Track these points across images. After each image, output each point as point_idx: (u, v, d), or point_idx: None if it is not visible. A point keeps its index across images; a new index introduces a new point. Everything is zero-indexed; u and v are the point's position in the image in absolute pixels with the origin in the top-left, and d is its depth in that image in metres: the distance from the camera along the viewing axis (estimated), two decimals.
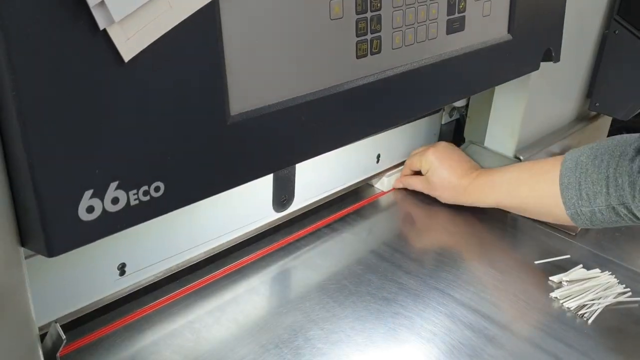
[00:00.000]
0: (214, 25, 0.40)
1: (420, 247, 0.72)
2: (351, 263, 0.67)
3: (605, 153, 0.61)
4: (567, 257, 0.70)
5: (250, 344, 0.55)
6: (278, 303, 0.60)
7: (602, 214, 0.61)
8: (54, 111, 0.33)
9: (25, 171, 0.33)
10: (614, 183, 0.59)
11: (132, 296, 0.60)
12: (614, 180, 0.59)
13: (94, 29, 0.34)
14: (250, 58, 0.43)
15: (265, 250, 0.68)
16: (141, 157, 0.38)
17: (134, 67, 0.36)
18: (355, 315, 0.59)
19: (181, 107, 0.39)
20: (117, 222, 0.38)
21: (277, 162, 0.48)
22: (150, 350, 0.53)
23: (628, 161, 0.58)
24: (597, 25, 0.89)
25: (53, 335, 0.43)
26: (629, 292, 0.65)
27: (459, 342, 0.56)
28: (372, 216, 0.77)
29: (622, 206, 0.58)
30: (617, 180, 0.59)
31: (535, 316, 0.61)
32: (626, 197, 0.58)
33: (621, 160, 0.59)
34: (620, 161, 0.59)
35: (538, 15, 0.71)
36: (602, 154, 0.61)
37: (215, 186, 0.43)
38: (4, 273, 0.36)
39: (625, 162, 0.58)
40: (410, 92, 0.58)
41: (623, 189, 0.58)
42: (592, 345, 0.57)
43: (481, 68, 0.66)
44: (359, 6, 0.50)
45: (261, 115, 0.44)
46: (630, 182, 0.57)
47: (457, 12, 0.60)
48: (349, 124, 0.52)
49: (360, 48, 0.51)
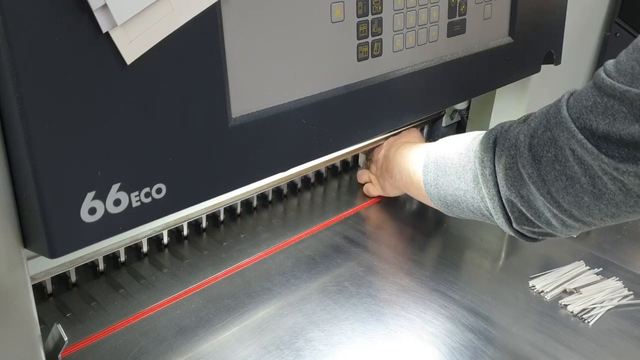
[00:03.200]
0: (215, 29, 0.40)
1: (421, 249, 0.72)
2: (352, 265, 0.67)
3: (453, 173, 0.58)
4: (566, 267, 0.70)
5: (252, 346, 0.55)
6: (279, 305, 0.60)
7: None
8: (57, 113, 0.33)
9: (27, 173, 0.34)
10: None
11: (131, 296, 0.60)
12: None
13: (97, 32, 0.34)
14: (251, 61, 0.43)
15: (266, 252, 0.68)
16: (143, 159, 0.38)
17: (136, 70, 0.36)
18: (356, 317, 0.59)
19: (183, 110, 0.39)
20: (119, 223, 0.38)
21: (278, 165, 0.48)
22: (151, 352, 0.53)
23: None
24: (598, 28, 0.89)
25: (55, 336, 0.44)
26: (631, 295, 0.65)
27: (460, 344, 0.56)
28: (373, 218, 0.77)
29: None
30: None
31: (536, 318, 0.61)
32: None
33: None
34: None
35: (539, 18, 0.71)
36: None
37: (216, 188, 0.43)
38: (6, 274, 0.36)
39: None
40: (411, 94, 0.58)
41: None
42: (594, 348, 0.57)
43: (482, 71, 0.66)
44: (360, 9, 0.50)
45: (262, 118, 0.44)
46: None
47: (458, 15, 0.60)
48: (350, 126, 0.53)
49: (361, 51, 0.51)
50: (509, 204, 0.51)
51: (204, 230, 0.71)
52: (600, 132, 0.42)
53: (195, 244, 0.69)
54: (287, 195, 0.80)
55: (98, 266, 0.62)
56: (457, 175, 0.57)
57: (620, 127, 0.41)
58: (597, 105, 0.42)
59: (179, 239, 0.69)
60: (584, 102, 0.44)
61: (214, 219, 0.73)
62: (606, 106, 0.42)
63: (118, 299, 0.60)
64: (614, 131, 0.41)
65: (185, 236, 0.69)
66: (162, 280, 0.63)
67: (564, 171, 0.46)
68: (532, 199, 0.49)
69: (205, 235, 0.71)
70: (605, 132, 0.42)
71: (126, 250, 0.64)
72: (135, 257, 0.66)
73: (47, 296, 0.59)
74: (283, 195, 0.80)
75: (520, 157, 0.49)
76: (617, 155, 0.42)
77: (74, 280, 0.61)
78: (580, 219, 0.48)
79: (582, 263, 0.69)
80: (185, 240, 0.69)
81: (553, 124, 0.46)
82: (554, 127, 0.46)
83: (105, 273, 0.63)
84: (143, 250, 0.66)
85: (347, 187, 0.85)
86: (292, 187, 0.81)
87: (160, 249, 0.68)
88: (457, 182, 0.57)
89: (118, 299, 0.60)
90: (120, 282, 0.62)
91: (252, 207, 0.76)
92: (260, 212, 0.76)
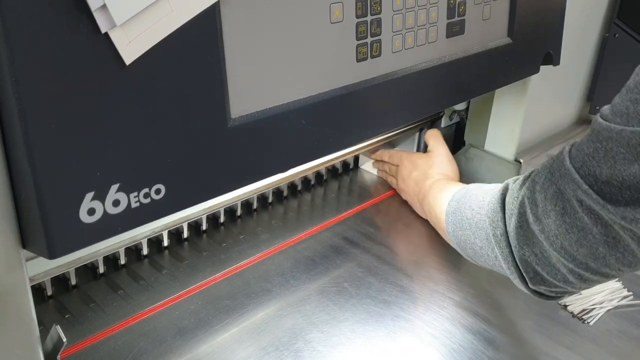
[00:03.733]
0: (214, 29, 0.40)
1: (420, 250, 0.72)
2: (351, 266, 0.67)
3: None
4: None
5: (251, 347, 0.55)
6: (278, 306, 0.60)
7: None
8: (56, 114, 0.33)
9: (27, 173, 0.33)
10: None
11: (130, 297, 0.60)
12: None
13: (96, 33, 0.34)
14: (250, 61, 0.43)
15: (265, 253, 0.68)
16: (142, 160, 0.38)
17: (135, 71, 0.36)
18: (356, 318, 0.59)
19: (182, 110, 0.39)
20: (118, 224, 0.38)
21: (277, 165, 0.48)
22: (150, 353, 0.53)
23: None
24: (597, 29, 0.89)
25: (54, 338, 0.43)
26: (630, 295, 0.65)
27: (460, 345, 0.56)
28: (372, 219, 0.77)
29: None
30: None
31: (536, 319, 0.61)
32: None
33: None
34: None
35: (538, 19, 0.71)
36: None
37: (215, 189, 0.43)
38: (5, 275, 0.36)
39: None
40: (410, 95, 0.58)
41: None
42: (593, 349, 0.57)
43: (481, 71, 0.66)
44: (359, 10, 0.50)
45: (261, 119, 0.44)
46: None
47: (457, 15, 0.60)
48: (349, 127, 0.53)
49: (360, 51, 0.51)
50: (523, 263, 0.50)
51: (203, 232, 0.71)
52: (604, 177, 0.42)
53: (195, 245, 0.69)
54: (287, 196, 0.80)
55: (98, 268, 0.62)
56: (472, 232, 0.56)
57: (621, 169, 0.41)
58: (598, 151, 0.42)
59: (179, 240, 0.69)
60: (585, 150, 0.43)
61: (214, 220, 0.73)
62: (606, 149, 0.42)
63: (117, 300, 0.60)
64: (616, 174, 0.41)
65: (185, 237, 0.69)
66: (162, 281, 0.63)
67: (575, 223, 0.45)
68: (547, 255, 0.48)
69: (205, 237, 0.71)
70: (608, 176, 0.42)
71: (126, 251, 0.64)
72: (135, 259, 0.66)
73: (47, 298, 0.59)
74: (283, 196, 0.80)
75: (529, 214, 0.48)
76: (622, 200, 0.41)
77: (74, 282, 0.61)
78: (598, 271, 0.46)
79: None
80: (185, 242, 0.69)
81: (557, 177, 0.46)
82: (558, 180, 0.46)
83: (105, 274, 0.63)
84: (143, 252, 0.66)
85: (347, 188, 0.85)
86: (293, 189, 0.81)
87: (160, 250, 0.68)
88: (472, 238, 0.56)
89: (117, 300, 0.60)
90: (119, 284, 0.62)
91: (252, 208, 0.76)
92: (261, 214, 0.76)
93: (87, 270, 0.63)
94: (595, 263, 0.46)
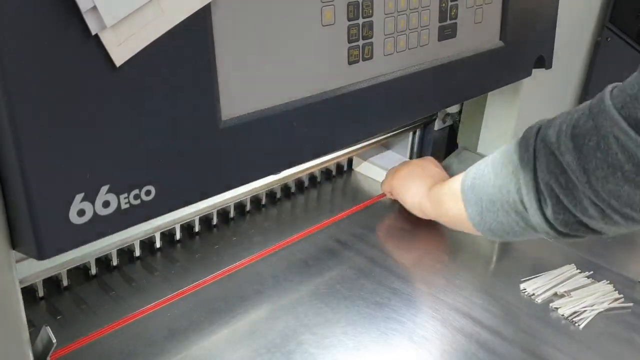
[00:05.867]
0: (205, 31, 0.40)
1: (413, 252, 0.72)
2: (344, 268, 0.67)
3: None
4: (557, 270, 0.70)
5: (243, 349, 0.55)
6: (271, 308, 0.60)
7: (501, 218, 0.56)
8: (46, 115, 0.33)
9: (16, 174, 0.34)
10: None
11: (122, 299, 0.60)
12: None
13: (86, 34, 0.34)
14: (241, 63, 0.43)
15: (257, 256, 0.68)
16: (132, 161, 0.38)
17: (125, 72, 0.36)
18: (348, 320, 0.59)
19: (173, 112, 0.39)
20: (108, 225, 0.38)
21: (268, 167, 0.48)
22: (142, 355, 0.53)
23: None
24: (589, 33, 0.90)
25: (43, 339, 0.43)
26: (621, 298, 0.65)
27: (451, 347, 0.56)
28: (366, 221, 0.77)
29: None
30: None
31: (527, 321, 0.61)
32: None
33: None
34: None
35: (530, 22, 0.72)
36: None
37: (206, 190, 0.43)
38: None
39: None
40: (402, 98, 0.58)
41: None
42: (584, 351, 0.57)
43: (473, 74, 0.67)
44: (350, 12, 0.50)
45: (252, 120, 0.45)
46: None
47: (449, 19, 0.61)
48: (340, 129, 0.53)
49: (351, 54, 0.52)
50: (547, 188, 0.50)
51: (196, 234, 0.71)
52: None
53: (188, 247, 0.69)
54: (281, 198, 0.80)
55: (90, 269, 0.62)
56: (494, 173, 0.56)
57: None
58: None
59: (172, 242, 0.69)
60: (628, 91, 0.43)
61: (207, 222, 0.73)
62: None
63: (109, 302, 0.59)
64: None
65: (178, 239, 0.69)
66: (153, 283, 0.63)
67: (606, 159, 0.45)
68: (571, 187, 0.48)
69: (197, 239, 0.71)
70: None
71: (118, 253, 0.64)
72: (127, 260, 0.66)
73: (39, 299, 0.59)
74: (277, 198, 0.80)
75: (560, 145, 0.49)
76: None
77: (66, 283, 0.61)
78: (619, 210, 0.46)
79: (573, 266, 0.69)
80: (178, 244, 0.69)
81: (596, 113, 0.46)
82: (596, 116, 0.46)
83: (97, 276, 0.63)
84: (135, 254, 0.66)
85: (340, 191, 0.85)
86: (286, 191, 0.82)
87: (153, 252, 0.68)
88: (493, 179, 0.56)
89: (109, 301, 0.60)
90: (111, 285, 0.62)
91: (246, 210, 0.76)
92: (254, 216, 0.76)
93: (79, 271, 0.63)
94: (618, 202, 0.46)
